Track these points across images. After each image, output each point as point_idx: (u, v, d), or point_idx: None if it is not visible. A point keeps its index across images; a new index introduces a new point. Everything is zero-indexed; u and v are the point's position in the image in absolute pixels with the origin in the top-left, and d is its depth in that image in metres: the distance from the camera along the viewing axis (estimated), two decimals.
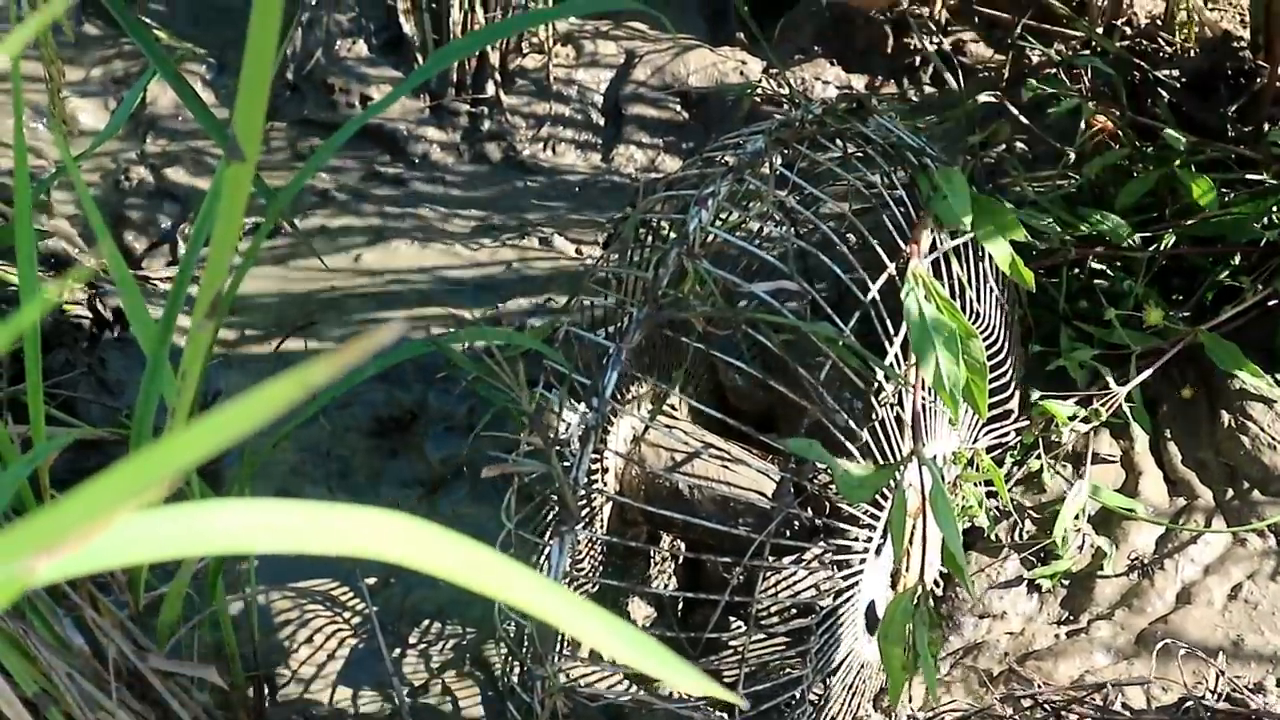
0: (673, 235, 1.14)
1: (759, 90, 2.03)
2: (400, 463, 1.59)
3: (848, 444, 1.16)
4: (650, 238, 1.29)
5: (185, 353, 0.85)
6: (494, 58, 2.11)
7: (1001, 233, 1.24)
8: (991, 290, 1.33)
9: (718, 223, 1.28)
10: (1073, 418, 1.49)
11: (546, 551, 1.12)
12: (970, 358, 1.14)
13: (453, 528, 1.34)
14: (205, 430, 0.40)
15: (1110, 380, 1.50)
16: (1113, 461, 1.51)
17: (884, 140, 1.25)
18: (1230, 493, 1.47)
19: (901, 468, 1.13)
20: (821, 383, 1.25)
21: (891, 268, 1.16)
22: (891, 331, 1.16)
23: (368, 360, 1.27)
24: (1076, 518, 1.44)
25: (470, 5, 2.08)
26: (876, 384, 1.16)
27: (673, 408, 1.38)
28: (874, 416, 1.18)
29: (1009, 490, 1.45)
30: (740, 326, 1.14)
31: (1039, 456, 1.48)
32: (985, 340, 1.34)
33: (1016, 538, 1.45)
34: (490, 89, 2.11)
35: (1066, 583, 1.43)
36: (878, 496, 1.20)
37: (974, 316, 1.30)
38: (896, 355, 1.17)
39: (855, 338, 1.15)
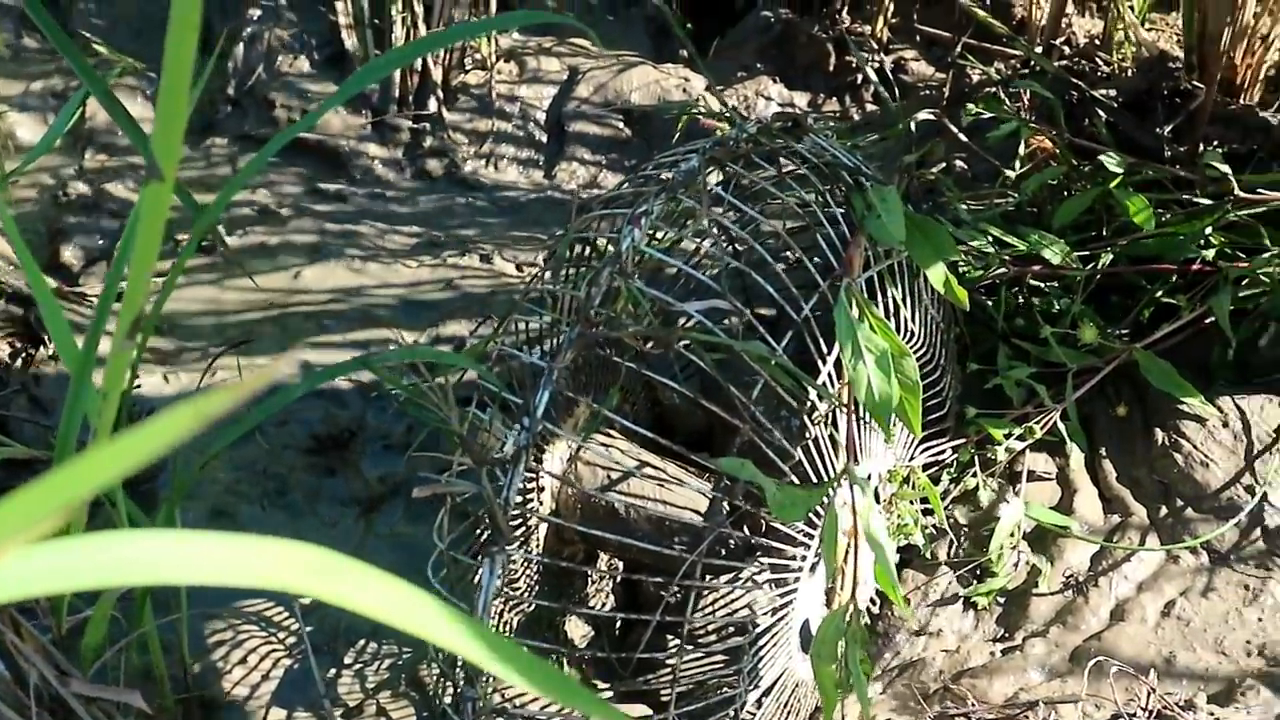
0: (609, 253, 1.14)
1: (701, 108, 2.04)
2: (338, 481, 1.58)
3: (780, 463, 1.16)
4: (590, 256, 1.29)
5: (106, 373, 0.84)
6: (436, 74, 2.11)
7: (936, 252, 1.25)
8: (927, 309, 1.34)
9: (655, 241, 1.28)
10: (1009, 435, 1.49)
11: (478, 572, 1.11)
12: (903, 376, 1.14)
13: (390, 547, 1.34)
14: (98, 460, 0.39)
15: (1045, 398, 1.51)
16: (1048, 479, 1.52)
17: (820, 159, 1.26)
18: (1164, 510, 1.48)
19: (834, 487, 1.13)
20: (761, 401, 1.25)
21: (824, 286, 1.16)
22: (825, 350, 1.16)
23: (291, 385, 1.26)
24: (1012, 535, 1.44)
25: (413, 21, 2.08)
26: (809, 403, 1.16)
27: (609, 425, 1.38)
28: (808, 435, 1.18)
29: (945, 508, 1.46)
30: (673, 346, 1.13)
31: (975, 474, 1.49)
32: (920, 358, 1.34)
33: (953, 555, 1.45)
34: (433, 105, 2.10)
35: (1002, 600, 1.44)
36: (812, 515, 1.20)
37: (909, 335, 1.30)
38: (830, 374, 1.17)
39: (794, 356, 1.15)
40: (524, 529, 1.28)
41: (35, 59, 2.16)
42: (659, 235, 1.31)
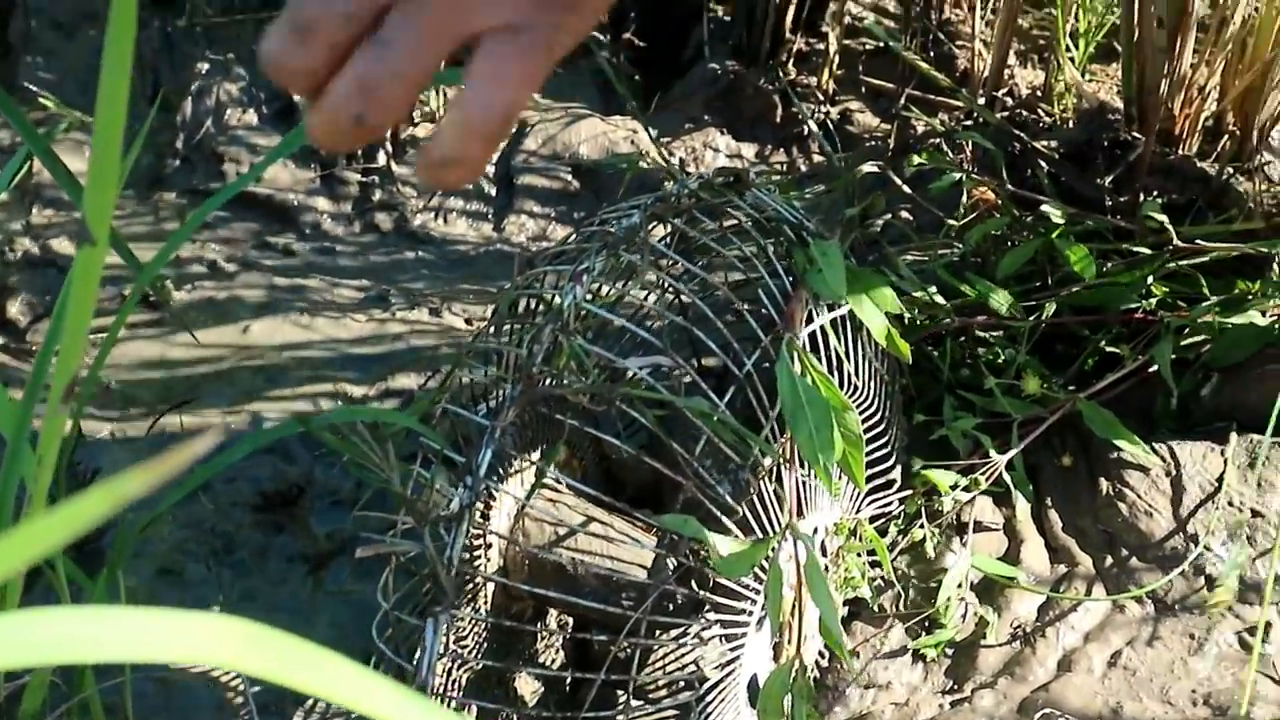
0: (551, 310, 1.15)
1: (649, 160, 2.05)
2: (286, 538, 1.57)
3: (725, 519, 1.16)
4: (536, 311, 1.29)
5: (41, 437, 0.84)
6: None
7: (877, 305, 1.26)
8: (870, 361, 1.35)
9: (599, 297, 1.29)
10: (955, 486, 1.50)
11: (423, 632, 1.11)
12: (846, 430, 1.15)
13: (339, 604, 1.33)
14: (36, 531, 0.39)
15: (991, 449, 1.52)
16: (995, 529, 1.52)
17: (762, 213, 1.27)
18: (1109, 559, 1.49)
19: (778, 542, 1.13)
20: (710, 455, 1.25)
21: (766, 341, 1.17)
22: (768, 405, 1.17)
23: (235, 444, 1.26)
24: (959, 586, 1.45)
25: None
26: (752, 458, 1.17)
27: (557, 481, 1.38)
28: (751, 490, 1.18)
29: (892, 560, 1.46)
30: (615, 403, 1.14)
31: (922, 525, 1.49)
32: (864, 411, 1.35)
33: (901, 607, 1.45)
34: (381, 159, 2.10)
35: (950, 652, 1.44)
36: (758, 570, 1.20)
37: (852, 388, 1.31)
38: (774, 428, 1.17)
39: (742, 410, 1.16)
40: (471, 587, 1.27)
41: None
42: (603, 290, 1.31)
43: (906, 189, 1.77)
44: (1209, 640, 1.41)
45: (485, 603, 1.32)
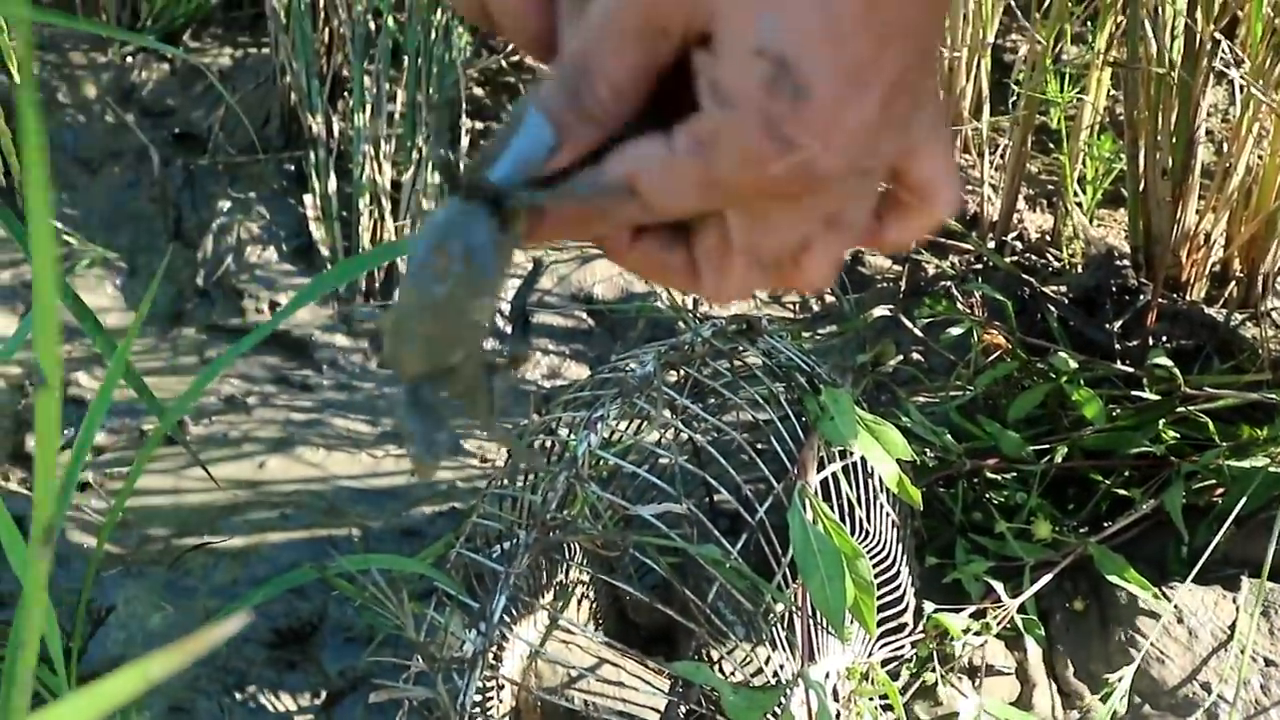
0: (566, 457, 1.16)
1: (664, 302, 2.07)
2: (298, 675, 1.57)
3: (737, 667, 1.16)
4: (551, 453, 1.30)
5: (26, 585, 0.85)
6: (402, 265, 2.14)
7: (888, 451, 1.27)
8: (882, 506, 1.36)
9: (613, 443, 1.30)
10: (966, 630, 1.50)
11: None
12: (858, 577, 1.16)
13: None
14: None
15: (1003, 593, 1.52)
16: (1007, 673, 1.52)
17: (773, 359, 1.29)
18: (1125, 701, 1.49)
19: (790, 688, 1.13)
20: (722, 598, 1.26)
21: (779, 488, 1.18)
22: (780, 552, 1.18)
23: (250, 593, 1.27)
24: None
25: (380, 214, 2.12)
26: (765, 604, 1.17)
27: (570, 624, 1.39)
28: (764, 636, 1.19)
29: (905, 703, 1.46)
30: (628, 550, 1.15)
31: (934, 669, 1.49)
32: (876, 556, 1.36)
33: None
34: (398, 296, 2.13)
35: None
36: (769, 716, 1.20)
37: (864, 534, 1.32)
38: (785, 574, 1.18)
39: (755, 554, 1.17)
40: None
41: (7, 246, 2.19)
42: (618, 431, 1.33)
43: (918, 332, 1.79)
44: None
45: None
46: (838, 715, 1.33)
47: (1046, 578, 1.53)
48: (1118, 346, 1.77)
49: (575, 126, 0.54)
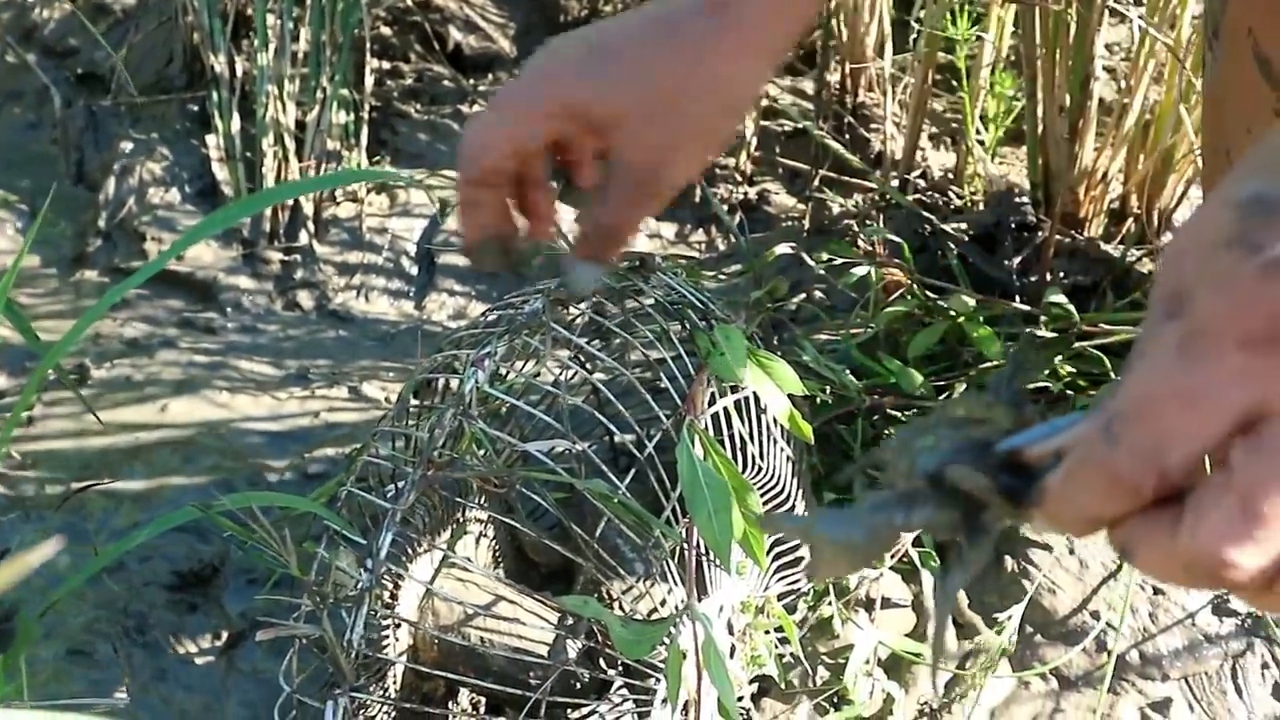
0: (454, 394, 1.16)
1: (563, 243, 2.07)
2: (199, 617, 1.57)
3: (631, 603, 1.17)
4: (445, 393, 1.30)
5: None
6: (307, 207, 2.13)
7: (779, 387, 1.28)
8: (776, 442, 1.37)
9: (504, 381, 1.31)
10: None
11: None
12: (747, 510, 1.17)
13: (253, 684, 1.33)
14: None
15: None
16: (904, 606, 1.54)
17: (667, 297, 1.29)
18: (1014, 636, 1.51)
19: (677, 622, 1.14)
20: (619, 535, 1.27)
21: (668, 424, 1.18)
22: (671, 488, 1.18)
23: (140, 528, 1.25)
24: (867, 663, 1.46)
25: (284, 155, 2.10)
26: (654, 539, 1.18)
27: (468, 560, 1.39)
28: (654, 571, 1.20)
29: (801, 637, 1.47)
30: (515, 486, 1.15)
31: (830, 603, 1.51)
32: (770, 490, 1.37)
33: (809, 684, 1.47)
34: (304, 238, 2.12)
35: None
36: (660, 649, 1.21)
37: (756, 469, 1.33)
38: (675, 509, 1.19)
39: (651, 491, 1.17)
40: (379, 667, 1.28)
41: None
42: (510, 372, 1.33)
43: (820, 270, 1.80)
44: (1110, 715, 1.43)
45: (395, 683, 1.33)
46: (732, 649, 1.34)
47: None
48: (1017, 283, 1.79)
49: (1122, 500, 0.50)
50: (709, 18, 0.91)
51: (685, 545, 1.19)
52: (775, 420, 1.34)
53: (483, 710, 1.43)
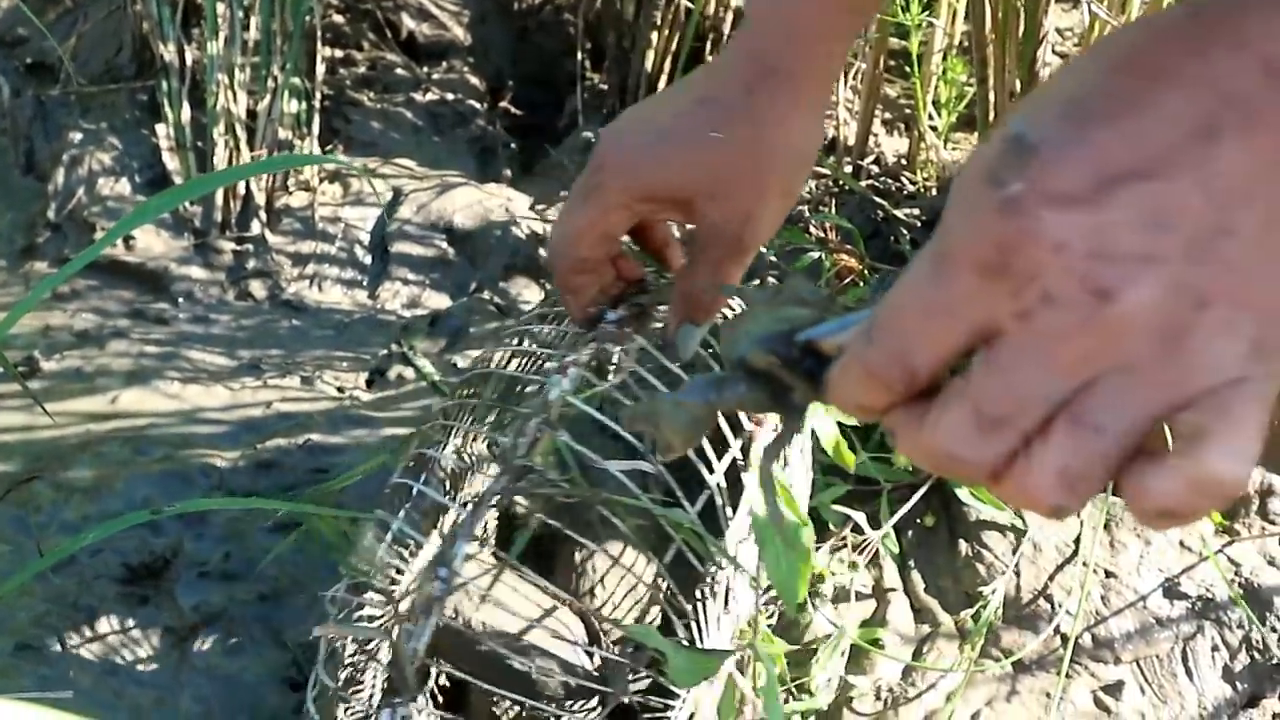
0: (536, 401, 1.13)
1: (522, 227, 2.07)
2: (150, 610, 1.55)
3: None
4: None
5: None
6: (260, 196, 2.11)
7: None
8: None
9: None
10: (832, 570, 1.52)
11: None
12: (800, 545, 1.17)
13: (205, 679, 1.31)
14: None
15: (864, 524, 1.54)
16: (865, 593, 1.54)
17: None
18: (969, 619, 1.52)
19: (730, 656, 1.15)
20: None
21: (736, 448, 1.18)
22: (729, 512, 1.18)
23: (89, 530, 1.24)
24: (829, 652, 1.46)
25: (235, 144, 2.09)
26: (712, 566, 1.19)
27: (520, 564, 1.38)
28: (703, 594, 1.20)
29: (769, 629, 1.47)
30: (595, 505, 1.15)
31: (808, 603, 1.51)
32: None
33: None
34: (256, 227, 2.10)
35: (814, 718, 1.45)
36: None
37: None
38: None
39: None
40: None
41: None
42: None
43: (772, 258, 1.80)
44: (1065, 698, 1.44)
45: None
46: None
47: (909, 504, 1.55)
48: None
49: (880, 394, 0.55)
50: (758, 95, 0.92)
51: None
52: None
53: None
